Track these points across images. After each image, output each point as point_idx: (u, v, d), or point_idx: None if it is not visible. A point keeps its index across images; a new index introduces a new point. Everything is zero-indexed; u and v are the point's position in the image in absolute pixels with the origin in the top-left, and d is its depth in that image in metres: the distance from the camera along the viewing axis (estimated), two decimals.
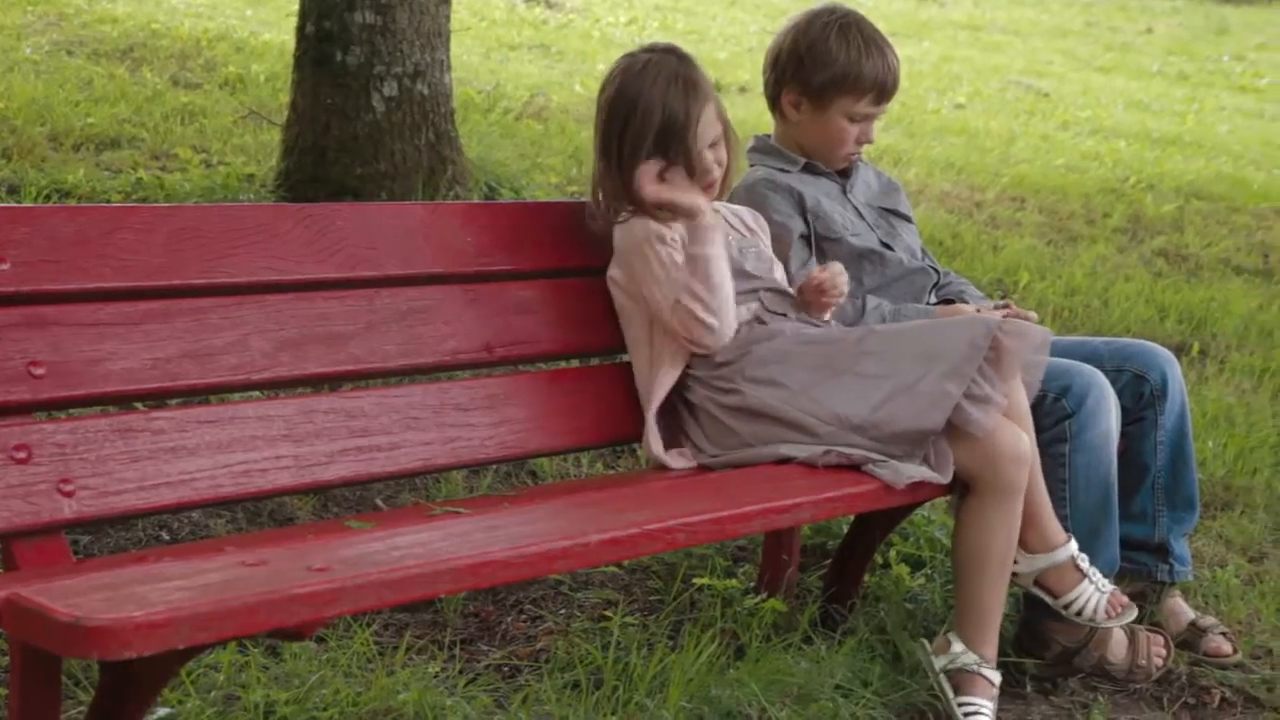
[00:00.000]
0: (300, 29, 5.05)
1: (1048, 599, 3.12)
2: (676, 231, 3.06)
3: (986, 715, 2.98)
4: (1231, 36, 16.61)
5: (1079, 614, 3.11)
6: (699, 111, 3.06)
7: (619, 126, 3.06)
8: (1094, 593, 3.10)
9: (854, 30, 3.32)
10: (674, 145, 3.05)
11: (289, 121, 5.13)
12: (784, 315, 3.15)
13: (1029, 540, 3.09)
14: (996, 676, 3.03)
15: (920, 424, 2.92)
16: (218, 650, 2.76)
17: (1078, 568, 3.10)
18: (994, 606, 3.04)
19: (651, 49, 3.15)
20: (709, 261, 3.00)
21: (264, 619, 2.06)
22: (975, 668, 3.01)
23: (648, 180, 3.02)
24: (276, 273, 2.77)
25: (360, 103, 4.91)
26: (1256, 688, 3.35)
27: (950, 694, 3.00)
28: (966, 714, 2.98)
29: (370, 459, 2.81)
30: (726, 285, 3.03)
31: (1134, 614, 3.14)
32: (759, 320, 3.13)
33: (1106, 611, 3.11)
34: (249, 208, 2.90)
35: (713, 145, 3.09)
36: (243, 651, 2.82)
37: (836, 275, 3.11)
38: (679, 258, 3.03)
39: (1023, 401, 3.04)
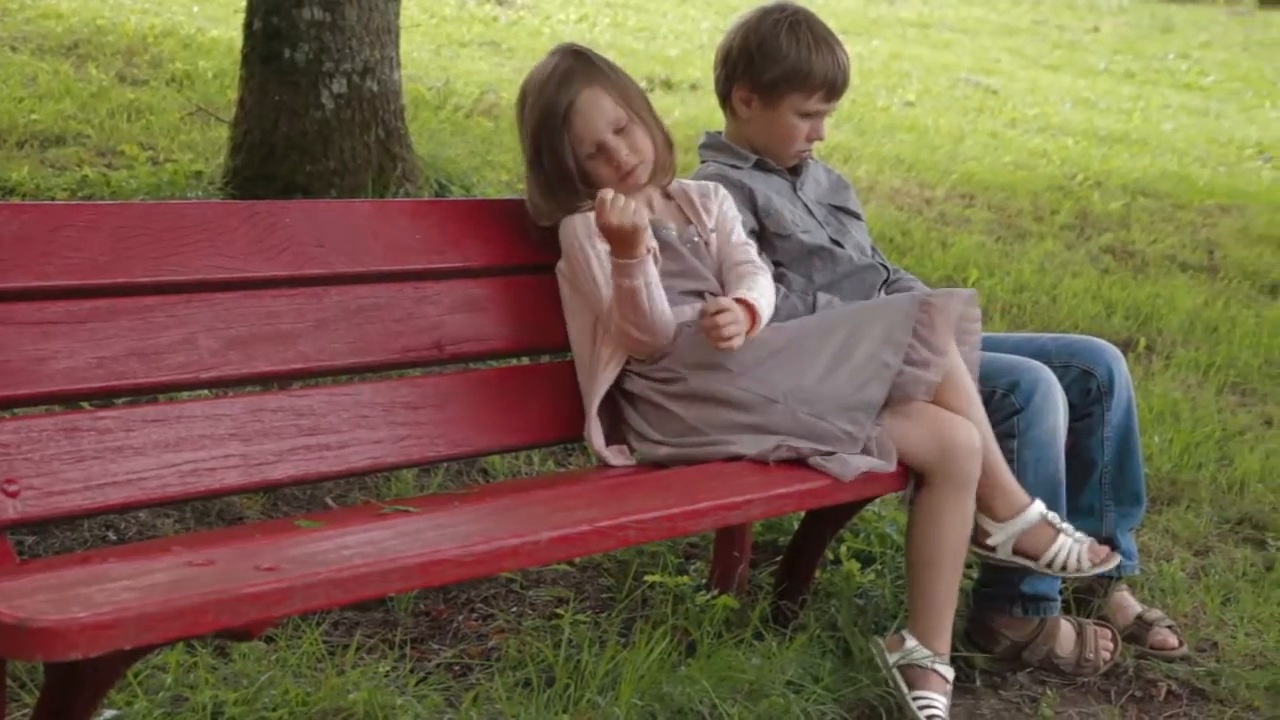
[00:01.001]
0: (248, 25, 5.02)
1: (1030, 563, 3.12)
2: None
3: (940, 710, 3.00)
4: (1176, 35, 16.76)
5: (1064, 568, 3.10)
6: (570, 98, 3.06)
7: (523, 133, 3.12)
8: (1072, 544, 3.10)
9: (804, 27, 3.34)
10: (546, 141, 3.07)
11: (237, 118, 5.09)
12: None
13: (998, 509, 3.09)
14: (950, 672, 3.05)
15: (863, 395, 2.94)
16: (165, 651, 2.74)
17: (1050, 524, 3.11)
18: (947, 602, 3.06)
19: (550, 53, 3.16)
20: (635, 294, 2.98)
21: (212, 619, 2.04)
22: (929, 663, 3.02)
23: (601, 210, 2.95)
24: (224, 271, 2.75)
25: (309, 99, 4.88)
26: (1202, 680, 3.38)
27: (905, 689, 3.01)
28: (921, 708, 2.99)
29: (320, 458, 2.79)
30: (658, 306, 3.01)
31: (1116, 560, 3.14)
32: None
33: (1090, 560, 3.11)
34: (195, 205, 2.88)
35: (619, 132, 3.09)
36: (191, 652, 2.80)
37: (724, 319, 2.95)
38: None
39: (965, 376, 3.05)
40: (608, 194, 2.92)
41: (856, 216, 3.55)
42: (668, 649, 3.00)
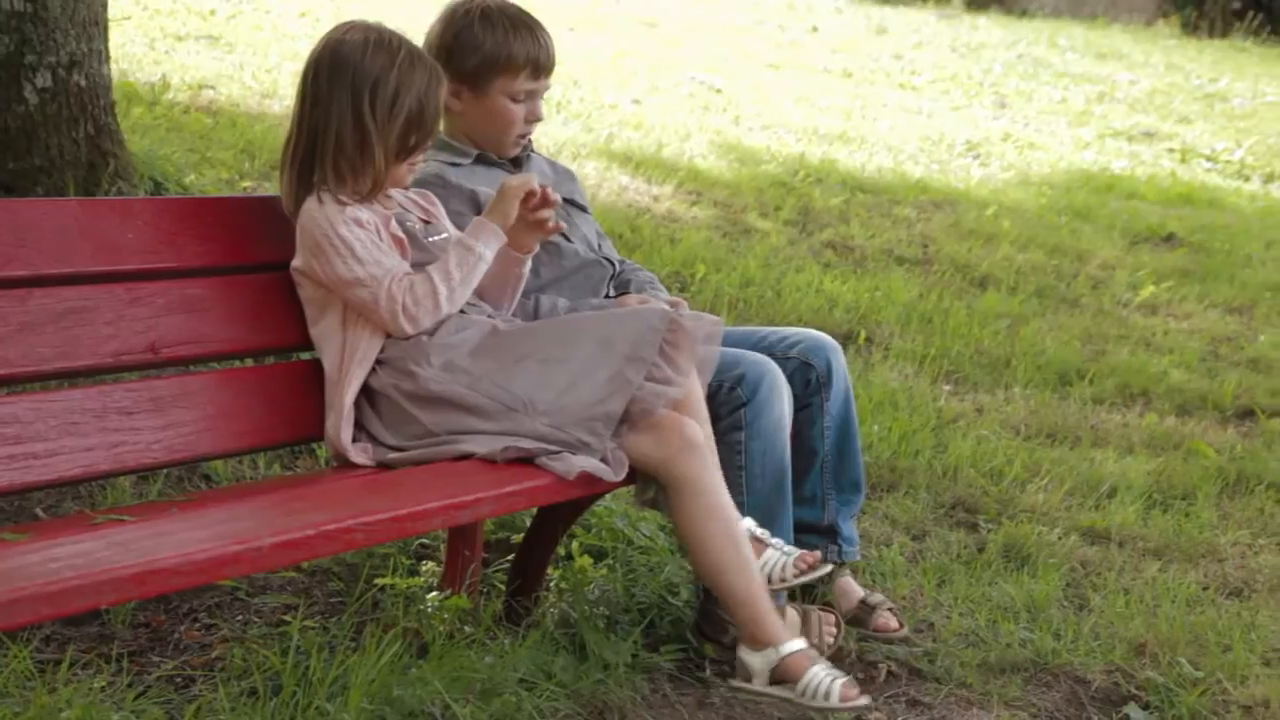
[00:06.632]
0: None
1: None
2: (372, 214, 3.00)
3: (824, 670, 3.04)
4: (891, 36, 17.31)
5: (769, 579, 3.14)
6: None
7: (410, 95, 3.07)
8: (780, 557, 3.15)
9: (496, 13, 3.36)
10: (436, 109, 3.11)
11: None
12: (475, 306, 3.12)
13: None
14: (799, 643, 3.08)
15: (603, 408, 2.95)
16: None
17: (758, 540, 3.15)
18: (750, 593, 3.06)
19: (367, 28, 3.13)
20: (481, 263, 3.03)
21: None
22: (777, 655, 3.05)
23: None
24: None
25: (10, 94, 4.65)
26: (920, 660, 3.50)
27: (811, 695, 3.02)
28: (819, 684, 3.02)
29: (26, 467, 2.67)
30: (472, 289, 3.06)
31: (828, 568, 3.20)
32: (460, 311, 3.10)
33: (795, 568, 3.15)
34: None
35: None
36: None
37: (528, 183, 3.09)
38: (374, 236, 2.98)
39: (699, 392, 3.10)
40: None
41: (583, 209, 3.57)
42: (399, 651, 2.97)
